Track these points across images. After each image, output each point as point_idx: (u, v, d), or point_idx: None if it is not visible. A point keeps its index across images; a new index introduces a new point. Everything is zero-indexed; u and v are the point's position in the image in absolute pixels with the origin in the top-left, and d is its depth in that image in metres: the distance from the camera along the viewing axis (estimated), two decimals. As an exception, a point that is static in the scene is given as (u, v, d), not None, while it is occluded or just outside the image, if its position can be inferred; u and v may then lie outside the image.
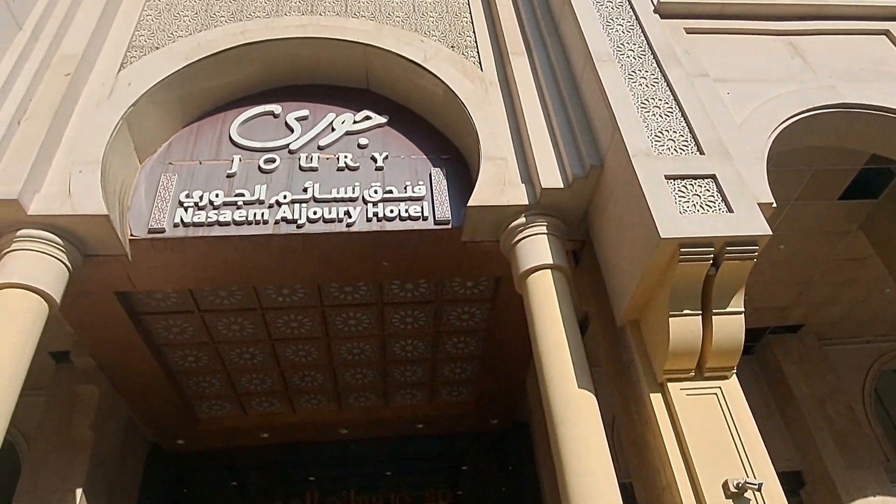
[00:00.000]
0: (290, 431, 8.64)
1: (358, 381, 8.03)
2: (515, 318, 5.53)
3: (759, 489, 3.73)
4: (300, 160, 5.47)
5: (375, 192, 5.28)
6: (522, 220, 4.87)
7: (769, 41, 5.64)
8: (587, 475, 3.86)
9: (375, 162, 5.51)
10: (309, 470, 9.58)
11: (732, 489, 3.76)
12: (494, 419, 8.92)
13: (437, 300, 6.72)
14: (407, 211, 5.19)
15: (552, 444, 4.12)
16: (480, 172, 5.02)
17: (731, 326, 4.14)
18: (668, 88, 4.83)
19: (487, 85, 5.69)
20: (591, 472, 3.87)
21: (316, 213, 5.11)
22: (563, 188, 4.82)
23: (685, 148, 4.43)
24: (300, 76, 6.07)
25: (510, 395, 8.37)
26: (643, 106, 4.68)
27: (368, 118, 5.85)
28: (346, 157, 5.51)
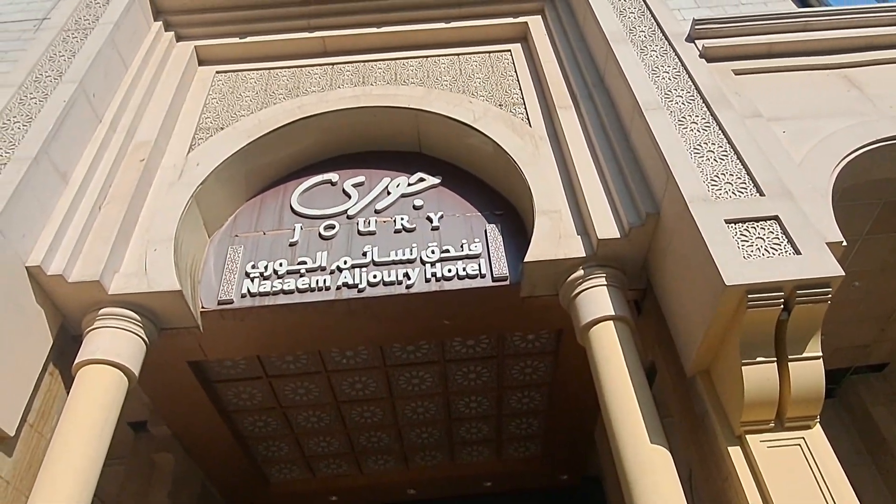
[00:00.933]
0: (358, 493, 8.60)
1: (423, 439, 7.98)
2: (580, 370, 5.44)
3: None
4: (358, 225, 5.64)
5: (433, 252, 5.37)
6: (580, 272, 4.84)
7: (822, 76, 5.55)
8: (667, 536, 3.70)
9: (431, 222, 5.63)
10: (379, 532, 9.47)
11: (826, 547, 3.53)
12: (564, 474, 8.66)
13: (499, 355, 6.68)
14: (465, 269, 5.25)
15: None
16: (535, 227, 5.04)
17: (809, 373, 3.95)
18: (720, 131, 4.78)
19: (537, 140, 5.77)
20: (671, 532, 3.71)
21: (376, 276, 5.23)
22: (619, 238, 4.78)
23: (744, 190, 4.35)
24: (355, 144, 6.32)
25: (579, 448, 8.14)
26: (696, 151, 4.65)
27: (422, 180, 6.01)
28: (402, 219, 5.65)
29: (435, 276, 5.23)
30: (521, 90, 6.28)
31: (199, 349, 5.58)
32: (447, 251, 5.38)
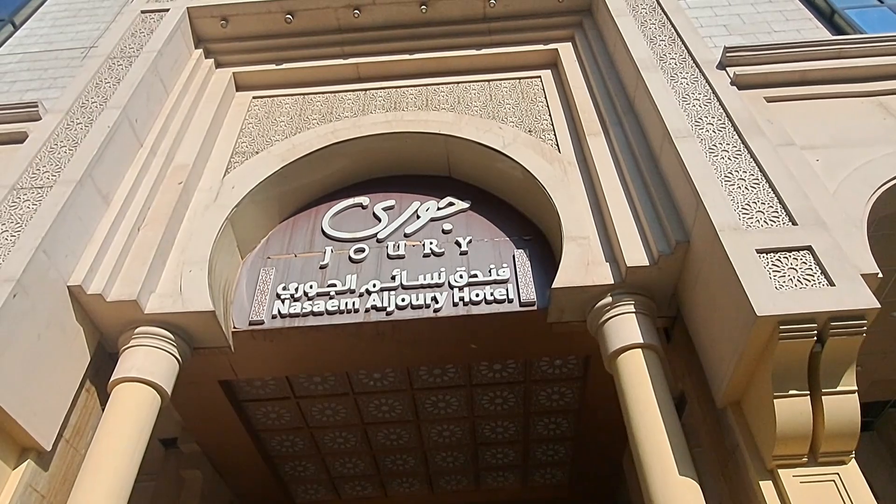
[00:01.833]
0: (382, 516, 8.60)
1: (449, 463, 7.95)
2: (608, 397, 5.38)
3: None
4: (388, 249, 5.71)
5: (461, 276, 5.40)
6: (609, 299, 4.82)
7: (856, 104, 5.48)
8: (696, 572, 3.63)
9: (460, 246, 5.67)
10: (403, 556, 9.42)
11: (863, 590, 3.42)
12: (592, 502, 8.53)
13: (526, 380, 6.65)
14: (492, 294, 5.26)
15: (655, 536, 3.91)
16: (563, 253, 5.05)
17: (844, 406, 3.86)
18: (751, 159, 4.75)
19: (566, 165, 5.79)
20: (700, 568, 3.64)
21: (404, 299, 5.28)
22: (648, 266, 4.76)
23: (776, 220, 4.31)
24: (386, 168, 6.42)
25: (607, 476, 8.02)
26: (727, 179, 4.62)
27: (451, 204, 6.06)
28: (431, 243, 5.70)
29: (463, 300, 5.26)
30: (550, 116, 6.32)
31: (229, 368, 5.68)
32: (475, 276, 5.41)
